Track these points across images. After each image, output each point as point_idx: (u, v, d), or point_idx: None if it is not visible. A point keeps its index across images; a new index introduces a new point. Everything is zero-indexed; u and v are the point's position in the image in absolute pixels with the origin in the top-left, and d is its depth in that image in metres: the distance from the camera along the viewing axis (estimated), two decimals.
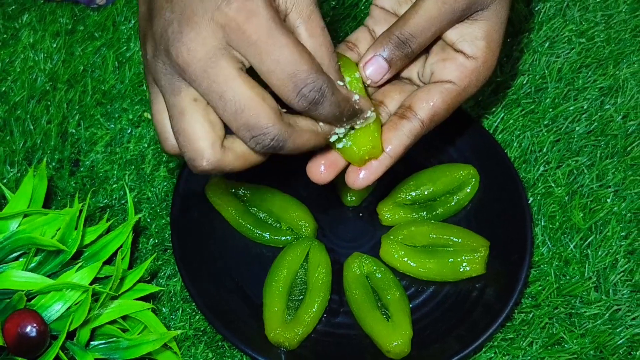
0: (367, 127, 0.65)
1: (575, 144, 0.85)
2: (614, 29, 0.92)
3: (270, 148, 0.58)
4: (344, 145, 0.65)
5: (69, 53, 0.90)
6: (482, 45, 0.69)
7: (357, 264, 0.77)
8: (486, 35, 0.69)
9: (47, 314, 0.70)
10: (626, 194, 0.82)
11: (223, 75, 0.57)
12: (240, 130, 0.58)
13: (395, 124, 0.68)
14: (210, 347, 0.75)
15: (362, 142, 0.65)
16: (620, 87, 0.88)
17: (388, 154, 0.67)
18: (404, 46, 0.67)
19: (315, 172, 0.68)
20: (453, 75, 0.69)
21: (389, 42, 0.67)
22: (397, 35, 0.67)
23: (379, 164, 0.67)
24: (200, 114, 0.58)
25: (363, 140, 0.65)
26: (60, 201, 0.82)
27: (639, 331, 0.75)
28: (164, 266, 0.79)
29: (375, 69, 0.67)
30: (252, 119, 0.57)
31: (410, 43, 0.67)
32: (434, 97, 0.68)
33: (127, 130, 0.86)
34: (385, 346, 0.73)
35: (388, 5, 0.74)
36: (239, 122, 0.57)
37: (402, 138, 0.68)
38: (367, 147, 0.66)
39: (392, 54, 0.67)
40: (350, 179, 0.68)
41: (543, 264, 0.79)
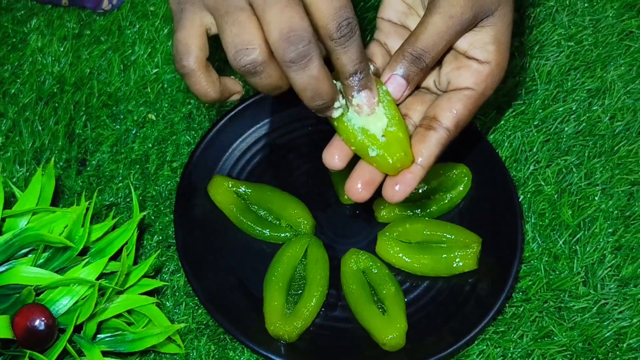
0: (396, 136, 0.67)
1: (564, 143, 0.88)
2: (602, 33, 0.95)
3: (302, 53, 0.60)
4: (377, 154, 0.67)
5: (75, 56, 0.93)
6: (493, 50, 0.71)
7: (354, 259, 0.80)
8: (495, 39, 0.71)
9: (55, 308, 0.72)
10: (613, 191, 0.85)
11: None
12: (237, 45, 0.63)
13: (423, 135, 0.70)
14: (212, 340, 0.78)
15: (394, 150, 0.67)
16: (607, 89, 0.91)
17: (420, 165, 0.69)
18: (419, 62, 0.69)
19: (354, 191, 0.69)
20: (470, 82, 0.71)
21: (403, 60, 0.69)
22: (411, 52, 0.69)
23: (412, 176, 0.69)
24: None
25: (394, 149, 0.67)
26: (68, 199, 0.84)
27: (626, 324, 0.78)
28: (168, 262, 0.82)
29: (395, 87, 0.70)
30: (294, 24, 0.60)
31: (423, 58, 0.69)
32: (456, 104, 0.70)
33: (132, 131, 0.89)
34: (381, 339, 0.75)
35: (394, 17, 0.76)
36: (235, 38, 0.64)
37: (432, 148, 0.69)
38: (400, 154, 0.67)
39: (408, 71, 0.69)
40: (388, 193, 0.69)
41: (533, 260, 0.81)
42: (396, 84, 0.70)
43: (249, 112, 0.87)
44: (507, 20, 0.71)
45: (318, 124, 0.89)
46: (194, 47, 0.67)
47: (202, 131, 0.89)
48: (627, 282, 0.80)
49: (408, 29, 0.76)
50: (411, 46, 0.69)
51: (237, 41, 0.62)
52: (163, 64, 0.92)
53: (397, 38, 0.75)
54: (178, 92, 0.91)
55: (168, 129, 0.89)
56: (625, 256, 0.82)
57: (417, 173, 0.69)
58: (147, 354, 0.76)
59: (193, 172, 0.84)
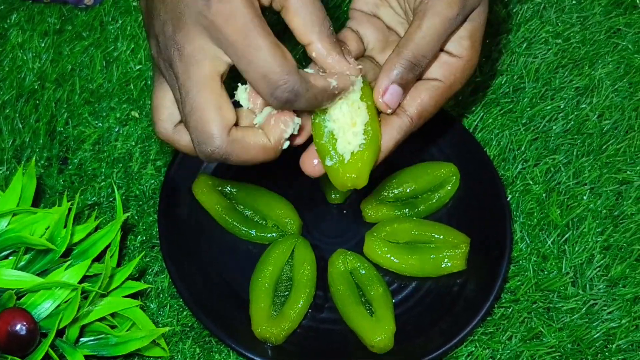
0: (361, 157, 0.66)
1: (553, 142, 0.87)
2: (589, 30, 0.94)
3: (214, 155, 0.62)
4: (332, 165, 0.66)
5: (57, 52, 0.91)
6: (467, 45, 0.70)
7: (341, 260, 0.79)
8: (470, 35, 0.70)
9: (36, 312, 0.71)
10: (602, 191, 0.85)
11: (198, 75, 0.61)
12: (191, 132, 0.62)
13: (385, 119, 0.69)
14: (197, 343, 0.77)
15: (350, 170, 0.66)
16: (595, 87, 0.91)
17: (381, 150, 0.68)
18: (416, 68, 0.68)
19: (309, 165, 0.69)
20: (439, 73, 0.70)
21: (401, 67, 0.67)
22: (410, 60, 0.67)
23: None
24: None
25: (351, 169, 0.66)
26: (49, 199, 0.83)
27: (615, 325, 0.78)
28: (152, 263, 0.80)
29: (392, 96, 0.68)
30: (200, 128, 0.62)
31: (421, 64, 0.68)
32: (421, 94, 0.69)
33: (115, 128, 0.87)
34: (369, 341, 0.74)
35: (366, 8, 0.76)
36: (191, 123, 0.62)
37: (392, 133, 0.68)
38: (353, 176, 0.66)
39: (406, 78, 0.68)
40: None
41: (522, 260, 0.81)
42: (394, 92, 0.68)
43: None
44: (484, 18, 0.71)
45: None
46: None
47: None
48: (616, 282, 0.80)
49: (379, 18, 0.75)
50: (410, 52, 0.67)
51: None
52: (146, 61, 0.91)
53: (369, 27, 0.74)
54: None
55: (151, 126, 0.88)
56: (614, 256, 0.81)
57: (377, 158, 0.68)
58: (131, 357, 0.75)
59: (177, 171, 0.83)
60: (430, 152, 0.86)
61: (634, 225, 0.82)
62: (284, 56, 0.60)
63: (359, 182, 0.67)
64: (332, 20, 0.94)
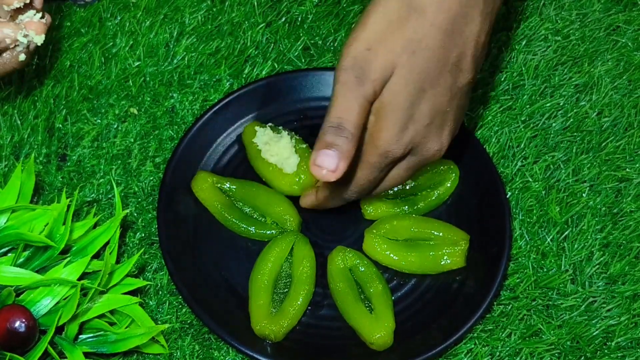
0: None
1: (552, 139, 0.87)
2: (589, 27, 0.94)
3: None
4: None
5: (55, 49, 0.91)
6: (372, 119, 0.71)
7: (340, 257, 0.79)
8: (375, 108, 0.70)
9: (35, 309, 0.71)
10: (601, 188, 0.84)
11: None
12: None
13: None
14: (196, 340, 0.76)
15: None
16: (595, 84, 0.90)
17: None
18: (340, 130, 0.68)
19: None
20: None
21: (325, 134, 0.68)
22: (329, 125, 0.68)
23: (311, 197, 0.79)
24: None
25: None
26: (48, 195, 0.83)
27: (614, 322, 0.78)
28: (151, 260, 0.80)
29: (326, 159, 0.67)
30: None
31: (343, 125, 0.68)
32: None
33: (114, 125, 0.87)
34: (368, 338, 0.74)
35: None
36: None
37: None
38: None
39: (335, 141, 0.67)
40: None
41: (521, 257, 0.81)
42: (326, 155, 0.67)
43: (233, 106, 0.86)
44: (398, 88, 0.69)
45: (303, 119, 0.87)
46: None
47: (185, 126, 0.87)
48: (615, 279, 0.80)
49: None
50: (327, 120, 0.68)
51: None
52: (145, 57, 0.91)
53: None
54: (160, 86, 0.89)
55: (150, 123, 0.88)
56: (614, 253, 0.81)
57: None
58: (130, 354, 0.75)
59: (176, 168, 0.83)
60: None
61: (633, 223, 0.82)
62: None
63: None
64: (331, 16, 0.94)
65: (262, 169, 0.83)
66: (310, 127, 0.87)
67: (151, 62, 0.90)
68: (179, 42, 0.92)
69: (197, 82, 0.89)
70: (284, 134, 0.83)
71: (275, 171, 0.82)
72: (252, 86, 0.87)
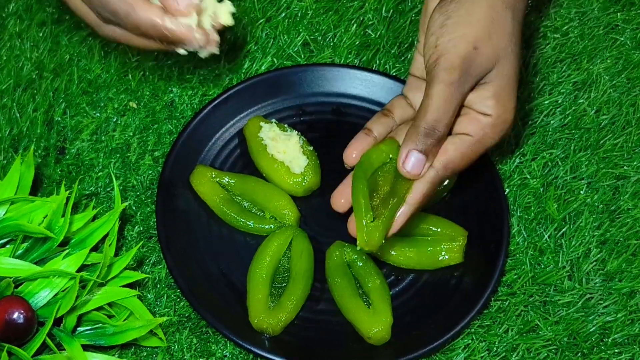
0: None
1: (550, 137, 0.87)
2: (588, 25, 0.94)
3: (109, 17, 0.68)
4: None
5: (55, 42, 0.91)
6: (492, 104, 0.73)
7: (339, 252, 0.79)
8: (494, 94, 0.73)
9: (34, 300, 0.71)
10: (599, 185, 0.85)
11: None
12: None
13: None
14: (194, 333, 0.76)
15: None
16: (593, 82, 0.91)
17: (408, 204, 0.72)
18: (433, 133, 0.71)
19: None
20: (468, 129, 0.73)
21: (418, 135, 0.71)
22: (424, 127, 0.71)
23: (400, 215, 0.72)
24: None
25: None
26: (46, 188, 0.83)
27: (611, 319, 0.78)
28: (149, 253, 0.80)
29: (414, 163, 0.71)
30: None
31: (437, 128, 0.71)
32: (447, 146, 0.73)
33: (113, 119, 0.87)
34: (366, 333, 0.75)
35: (418, 73, 0.79)
36: None
37: (419, 187, 0.72)
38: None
39: (425, 144, 0.71)
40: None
41: (519, 253, 0.81)
42: (415, 159, 0.71)
43: (232, 101, 0.86)
44: (509, 73, 0.73)
45: (302, 115, 0.87)
46: None
47: (184, 120, 0.87)
48: (612, 276, 0.80)
49: None
50: (422, 121, 0.71)
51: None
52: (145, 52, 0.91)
53: (418, 92, 0.77)
54: (160, 80, 0.89)
55: (149, 117, 0.88)
56: (611, 250, 0.81)
57: (405, 211, 0.72)
58: (128, 347, 0.75)
59: (175, 162, 0.83)
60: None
61: (631, 220, 0.83)
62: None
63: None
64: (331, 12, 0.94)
65: (266, 164, 0.83)
66: (309, 123, 0.87)
67: (150, 57, 0.90)
68: None
69: (196, 77, 0.90)
70: (293, 134, 0.83)
71: (280, 169, 0.82)
72: (252, 81, 0.87)
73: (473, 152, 0.73)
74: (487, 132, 0.73)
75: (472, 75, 0.72)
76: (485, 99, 0.73)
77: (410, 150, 0.71)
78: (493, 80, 0.73)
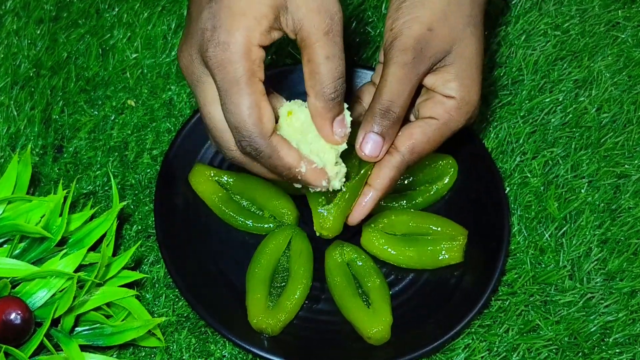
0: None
1: (551, 135, 0.87)
2: (588, 23, 0.94)
3: (233, 161, 0.69)
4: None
5: (52, 40, 0.90)
6: (454, 86, 0.73)
7: (338, 251, 0.78)
8: (456, 76, 0.73)
9: (31, 300, 0.70)
10: (600, 184, 0.84)
11: (204, 96, 0.68)
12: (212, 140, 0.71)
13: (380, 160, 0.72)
14: (193, 333, 0.76)
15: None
16: (594, 80, 0.90)
17: (374, 189, 0.73)
18: (389, 114, 0.71)
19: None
20: (434, 112, 0.74)
21: (374, 117, 0.71)
22: (379, 109, 0.71)
23: (368, 200, 0.73)
24: None
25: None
26: (44, 187, 0.82)
27: (612, 319, 0.77)
28: (148, 253, 0.80)
29: (372, 145, 0.71)
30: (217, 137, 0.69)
31: (392, 109, 0.71)
32: (413, 130, 0.73)
33: (111, 117, 0.87)
34: (365, 332, 0.74)
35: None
36: (210, 134, 0.70)
37: (385, 171, 0.72)
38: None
39: (381, 126, 0.71)
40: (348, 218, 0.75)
41: (519, 253, 0.81)
42: (372, 142, 0.71)
43: None
44: (469, 56, 0.73)
45: None
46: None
47: (182, 118, 0.87)
48: (613, 275, 0.80)
49: None
50: (377, 102, 0.71)
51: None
52: (142, 49, 0.90)
53: None
54: (158, 78, 0.89)
55: (148, 115, 0.87)
56: (612, 249, 0.81)
57: (373, 196, 0.73)
58: (126, 347, 0.74)
59: (174, 161, 0.82)
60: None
61: (632, 219, 0.82)
62: (260, 118, 0.65)
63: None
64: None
65: None
66: None
67: (149, 54, 0.90)
68: (177, 34, 0.91)
69: None
70: None
71: None
72: None
73: (439, 135, 0.74)
74: (453, 115, 0.73)
75: (426, 56, 0.71)
76: (448, 82, 0.73)
77: (367, 132, 0.71)
78: (454, 62, 0.73)
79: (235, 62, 0.63)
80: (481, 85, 0.75)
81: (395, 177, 0.73)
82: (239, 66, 0.63)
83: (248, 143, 0.65)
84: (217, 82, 0.65)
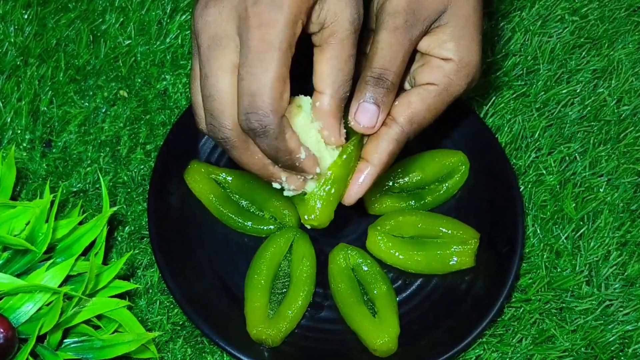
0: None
1: (568, 129, 0.83)
2: (608, 7, 0.89)
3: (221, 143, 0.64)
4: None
5: (41, 25, 0.86)
6: (452, 47, 0.69)
7: (342, 255, 0.75)
8: (453, 36, 0.69)
9: (15, 316, 0.66)
10: (619, 182, 0.80)
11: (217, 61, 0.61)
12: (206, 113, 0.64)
13: (376, 133, 0.68)
14: (189, 343, 0.73)
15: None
16: (614, 69, 0.86)
17: (372, 164, 0.67)
18: (382, 82, 0.67)
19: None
20: (432, 77, 0.69)
21: (366, 85, 0.67)
22: (371, 76, 0.67)
23: (365, 177, 0.67)
24: None
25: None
26: (31, 185, 0.78)
27: (631, 328, 0.74)
28: (141, 255, 0.76)
29: (365, 115, 0.67)
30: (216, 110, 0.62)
31: (385, 76, 0.67)
32: (411, 98, 0.69)
33: (102, 109, 0.82)
34: (371, 344, 0.71)
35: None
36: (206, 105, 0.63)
37: (383, 145, 0.67)
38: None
39: (375, 94, 0.67)
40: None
41: (533, 256, 0.77)
42: (366, 111, 0.67)
43: None
44: (466, 13, 0.70)
45: None
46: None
47: (178, 110, 0.83)
48: (633, 281, 0.76)
49: None
50: (369, 69, 0.67)
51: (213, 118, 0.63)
52: (136, 35, 0.86)
53: None
54: (152, 67, 0.85)
55: (141, 107, 0.83)
56: (631, 253, 0.77)
57: (370, 172, 0.68)
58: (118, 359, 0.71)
59: (168, 157, 0.79)
60: (438, 139, 0.81)
61: None
62: (281, 94, 0.60)
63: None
64: None
65: None
66: None
67: (142, 41, 0.86)
68: (173, 19, 0.87)
69: (191, 63, 0.84)
70: None
71: None
72: None
73: (440, 102, 0.70)
74: (452, 78, 0.69)
75: (420, 19, 0.68)
76: (444, 42, 0.69)
77: (360, 102, 0.67)
78: (449, 22, 0.69)
79: (281, 25, 0.59)
80: (481, 45, 0.70)
81: (394, 150, 0.68)
82: (284, 31, 0.59)
83: (259, 117, 0.60)
84: (250, 41, 0.59)
